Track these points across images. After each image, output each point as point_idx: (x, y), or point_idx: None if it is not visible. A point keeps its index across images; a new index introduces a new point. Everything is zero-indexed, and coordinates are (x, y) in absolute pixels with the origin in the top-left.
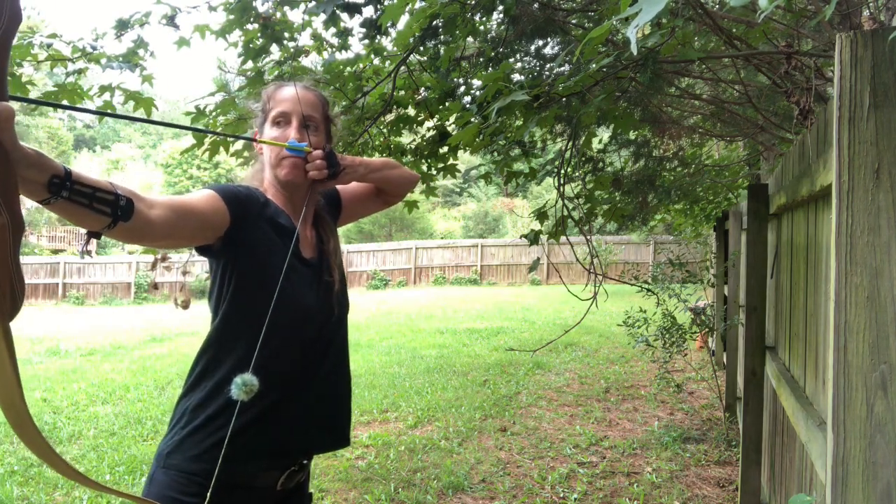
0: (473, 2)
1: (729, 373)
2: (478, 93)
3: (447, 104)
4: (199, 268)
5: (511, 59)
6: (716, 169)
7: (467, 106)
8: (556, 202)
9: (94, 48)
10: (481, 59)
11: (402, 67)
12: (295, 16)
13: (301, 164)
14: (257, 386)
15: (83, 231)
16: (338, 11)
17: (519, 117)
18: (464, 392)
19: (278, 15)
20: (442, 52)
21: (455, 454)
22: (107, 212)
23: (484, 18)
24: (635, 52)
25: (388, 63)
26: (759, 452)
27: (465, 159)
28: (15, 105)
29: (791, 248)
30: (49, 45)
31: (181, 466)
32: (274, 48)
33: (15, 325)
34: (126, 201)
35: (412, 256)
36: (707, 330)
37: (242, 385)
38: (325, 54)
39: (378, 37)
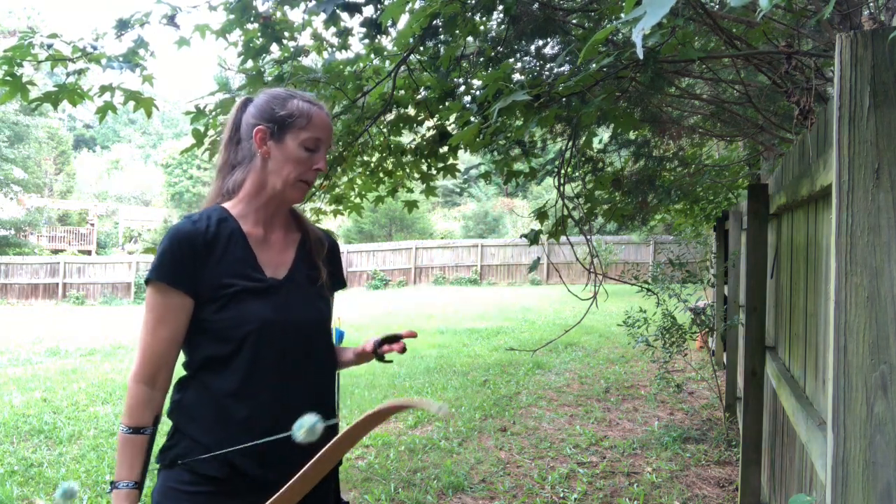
0: (473, 1)
1: (729, 373)
2: (478, 93)
3: (447, 104)
4: None
5: (511, 59)
6: (716, 169)
7: (467, 106)
8: (556, 202)
9: (94, 48)
10: (481, 59)
11: (402, 67)
12: (295, 15)
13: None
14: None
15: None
16: (338, 11)
17: (519, 117)
18: (464, 392)
19: (278, 14)
20: (442, 51)
21: (455, 454)
22: None
23: (484, 18)
24: (641, 56)
25: (388, 63)
26: (759, 452)
27: (465, 159)
28: (16, 104)
29: (791, 248)
30: (49, 46)
31: (175, 466)
32: (274, 48)
33: (15, 326)
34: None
35: (412, 256)
36: (707, 330)
37: (303, 428)
38: (325, 54)
39: (378, 36)
